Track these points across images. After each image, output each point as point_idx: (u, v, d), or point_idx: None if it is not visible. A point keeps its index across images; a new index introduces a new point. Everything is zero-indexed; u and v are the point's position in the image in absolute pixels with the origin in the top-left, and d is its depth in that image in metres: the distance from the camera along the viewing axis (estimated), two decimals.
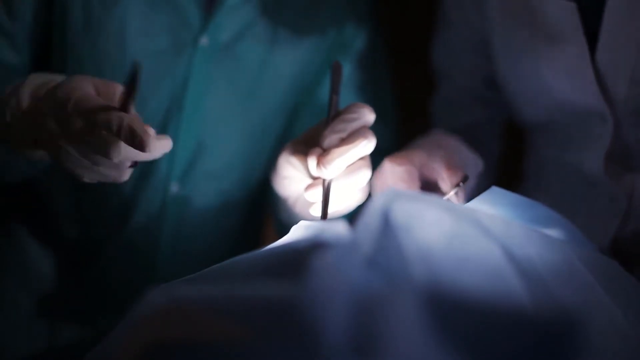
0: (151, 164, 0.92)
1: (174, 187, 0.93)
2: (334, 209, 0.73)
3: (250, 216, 1.03)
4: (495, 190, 0.68)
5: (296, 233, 0.66)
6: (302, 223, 0.67)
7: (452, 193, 0.75)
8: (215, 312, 0.48)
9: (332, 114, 0.73)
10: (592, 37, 0.84)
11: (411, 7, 1.11)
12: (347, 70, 0.98)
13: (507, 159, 1.07)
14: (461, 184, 0.75)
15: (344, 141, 0.71)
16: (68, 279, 0.97)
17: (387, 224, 0.54)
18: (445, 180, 0.76)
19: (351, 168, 0.72)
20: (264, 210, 1.05)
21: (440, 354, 0.47)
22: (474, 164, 0.82)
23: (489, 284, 0.54)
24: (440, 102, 1.07)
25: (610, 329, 0.57)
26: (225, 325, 0.47)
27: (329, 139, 0.70)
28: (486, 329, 0.49)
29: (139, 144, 0.63)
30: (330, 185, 0.72)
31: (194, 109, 0.91)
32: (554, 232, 0.69)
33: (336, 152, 0.70)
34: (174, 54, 0.89)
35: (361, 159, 0.73)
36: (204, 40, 0.89)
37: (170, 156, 0.91)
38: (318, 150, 0.71)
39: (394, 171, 0.77)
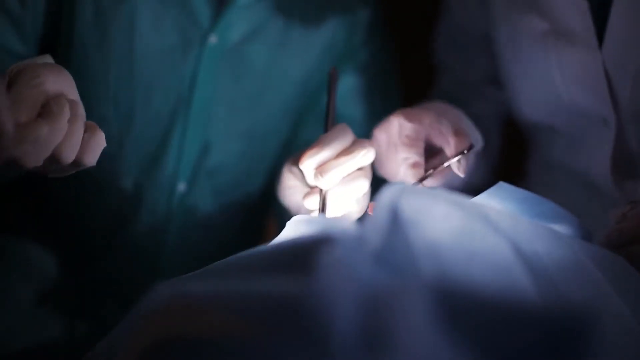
0: (156, 163, 0.91)
1: (181, 187, 0.93)
2: (330, 217, 0.74)
3: (254, 216, 1.03)
4: (502, 185, 0.68)
5: (293, 228, 0.67)
6: (296, 218, 0.67)
7: (454, 160, 0.74)
8: (222, 308, 0.47)
9: (330, 121, 0.76)
10: (599, 37, 0.83)
11: (421, 14, 1.10)
12: (354, 78, 0.98)
13: (510, 158, 1.07)
14: (465, 151, 0.74)
15: (343, 152, 0.73)
16: (72, 276, 0.97)
17: (395, 219, 0.54)
18: (450, 146, 0.75)
19: (348, 178, 0.74)
20: (268, 211, 1.05)
21: (449, 349, 0.47)
22: (476, 138, 0.81)
23: (498, 279, 0.54)
24: (440, 96, 1.06)
25: (618, 325, 0.57)
26: (233, 322, 0.47)
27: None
28: (495, 324, 0.49)
29: None
30: (326, 194, 0.73)
31: (202, 108, 0.91)
32: (561, 228, 0.69)
33: (333, 163, 0.72)
34: (182, 52, 0.89)
35: (360, 169, 0.74)
36: (212, 39, 0.89)
37: (177, 156, 0.91)
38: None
39: (402, 126, 0.76)
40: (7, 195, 0.98)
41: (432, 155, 0.77)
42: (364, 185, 0.75)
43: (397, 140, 0.76)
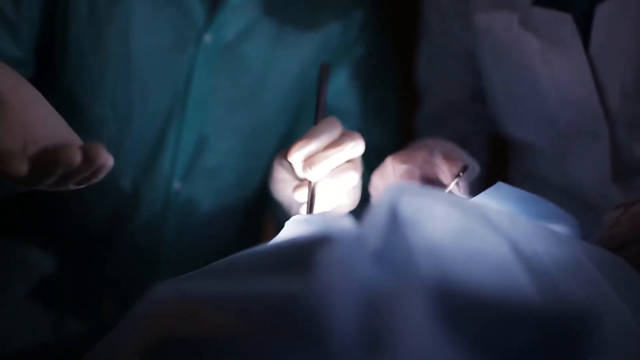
0: (153, 162, 0.91)
1: (177, 185, 0.93)
2: (320, 209, 0.74)
3: (251, 215, 1.03)
4: (501, 185, 0.68)
5: (292, 228, 0.67)
6: (295, 218, 0.67)
7: (453, 184, 0.75)
8: (222, 308, 0.47)
9: (320, 114, 0.76)
10: (585, 47, 0.84)
11: (417, 7, 1.10)
12: (350, 72, 0.98)
13: (495, 172, 1.07)
14: (461, 173, 0.75)
15: (331, 144, 0.73)
16: (71, 275, 0.97)
17: (394, 219, 0.54)
18: (445, 172, 0.76)
19: (337, 170, 0.74)
20: (265, 210, 1.05)
21: (449, 349, 0.47)
22: (472, 166, 0.82)
23: (497, 279, 0.54)
24: (425, 118, 1.06)
25: (618, 325, 0.57)
26: (233, 322, 0.47)
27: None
28: (495, 324, 0.49)
29: None
30: (315, 186, 0.74)
31: (197, 106, 0.91)
32: (560, 228, 0.69)
33: (321, 155, 0.72)
34: (177, 51, 0.89)
35: (349, 161, 0.75)
36: (207, 38, 0.89)
37: (173, 154, 0.91)
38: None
39: (395, 169, 0.77)
40: (3, 195, 0.98)
41: (432, 184, 0.78)
42: (354, 177, 0.75)
43: (392, 182, 0.77)
